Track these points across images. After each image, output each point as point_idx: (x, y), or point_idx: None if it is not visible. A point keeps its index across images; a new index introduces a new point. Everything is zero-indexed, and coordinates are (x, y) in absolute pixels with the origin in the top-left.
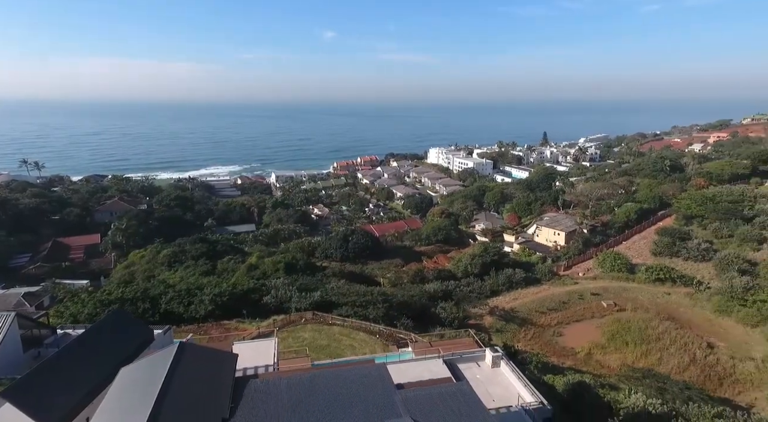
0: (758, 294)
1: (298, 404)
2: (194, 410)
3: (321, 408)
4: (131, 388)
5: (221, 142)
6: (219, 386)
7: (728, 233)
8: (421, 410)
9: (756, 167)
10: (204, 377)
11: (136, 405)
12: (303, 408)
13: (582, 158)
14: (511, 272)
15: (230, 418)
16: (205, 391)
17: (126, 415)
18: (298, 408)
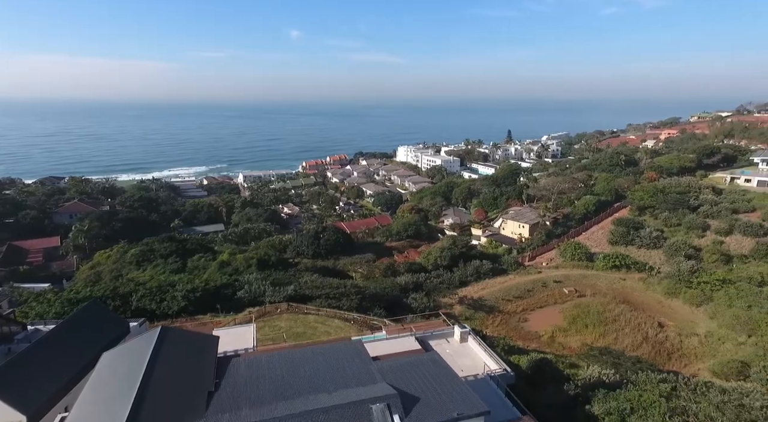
0: (702, 277)
1: (279, 376)
2: (180, 385)
3: (302, 379)
4: (116, 370)
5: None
6: (203, 364)
7: (676, 222)
8: (396, 376)
9: (701, 161)
10: (188, 356)
11: (123, 383)
12: (285, 380)
13: (544, 155)
14: (478, 264)
15: (215, 391)
16: (189, 368)
17: (113, 392)
18: (280, 380)
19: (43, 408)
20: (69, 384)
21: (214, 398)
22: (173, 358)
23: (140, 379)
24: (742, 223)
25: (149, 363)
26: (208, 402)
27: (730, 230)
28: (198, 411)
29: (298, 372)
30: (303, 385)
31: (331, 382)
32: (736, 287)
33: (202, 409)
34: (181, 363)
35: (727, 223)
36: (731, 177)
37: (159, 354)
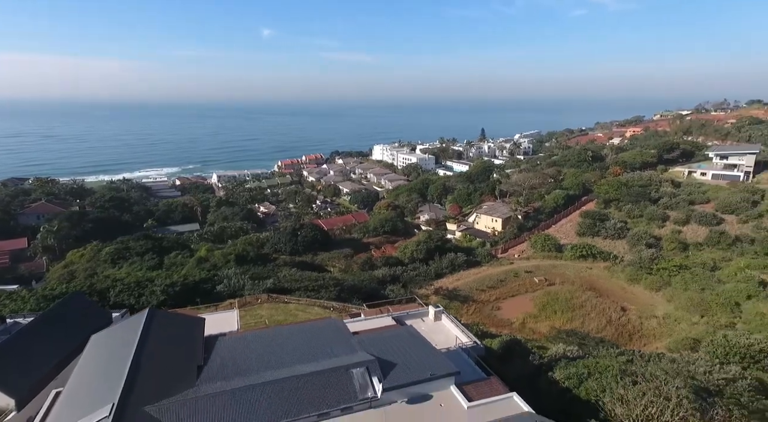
0: (661, 264)
1: (265, 350)
2: (170, 360)
3: (287, 351)
4: (107, 348)
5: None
6: (191, 341)
7: (638, 214)
8: (374, 346)
9: (661, 156)
10: (176, 335)
11: (116, 359)
12: (270, 353)
13: (516, 152)
14: (453, 256)
15: (204, 365)
16: (178, 345)
17: (107, 367)
18: (265, 353)
19: (31, 392)
20: (56, 369)
21: (204, 371)
22: (162, 336)
23: (132, 354)
24: (698, 213)
25: (140, 340)
26: (198, 374)
27: (687, 220)
28: (189, 382)
29: (283, 346)
30: (288, 357)
31: (315, 353)
32: (691, 273)
33: (193, 380)
34: (170, 340)
35: (684, 214)
36: (689, 171)
37: (149, 332)
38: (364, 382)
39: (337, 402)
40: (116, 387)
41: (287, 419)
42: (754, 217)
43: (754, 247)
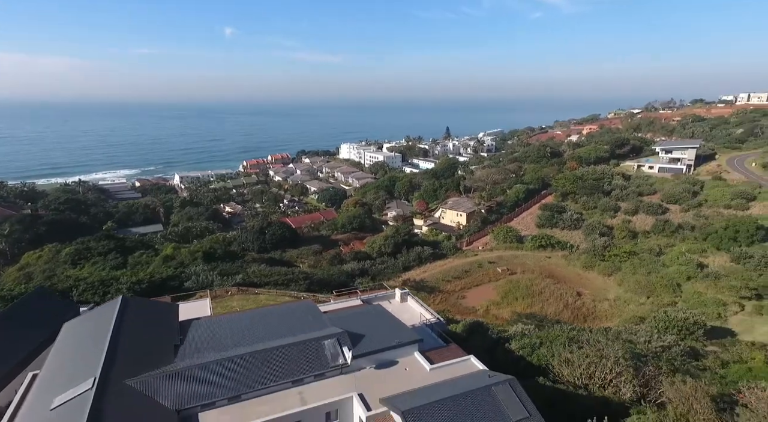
0: (613, 251)
1: (240, 329)
2: (147, 340)
3: (261, 329)
4: (82, 332)
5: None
6: (166, 323)
7: (593, 205)
8: (344, 322)
9: (614, 151)
10: (151, 318)
11: (93, 340)
12: (245, 332)
13: (480, 150)
14: (420, 250)
15: (181, 345)
16: (154, 327)
17: (85, 348)
18: (240, 332)
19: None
20: (25, 360)
21: (181, 349)
22: (138, 319)
23: (109, 335)
24: (645, 204)
25: (116, 322)
26: (176, 352)
27: (636, 210)
28: (167, 359)
29: (257, 325)
30: (262, 334)
31: (288, 330)
32: (639, 258)
33: (171, 357)
34: (146, 322)
35: (633, 204)
36: (638, 165)
37: (124, 316)
38: (335, 351)
39: (310, 370)
40: (96, 364)
41: (263, 386)
42: (694, 206)
43: (694, 233)
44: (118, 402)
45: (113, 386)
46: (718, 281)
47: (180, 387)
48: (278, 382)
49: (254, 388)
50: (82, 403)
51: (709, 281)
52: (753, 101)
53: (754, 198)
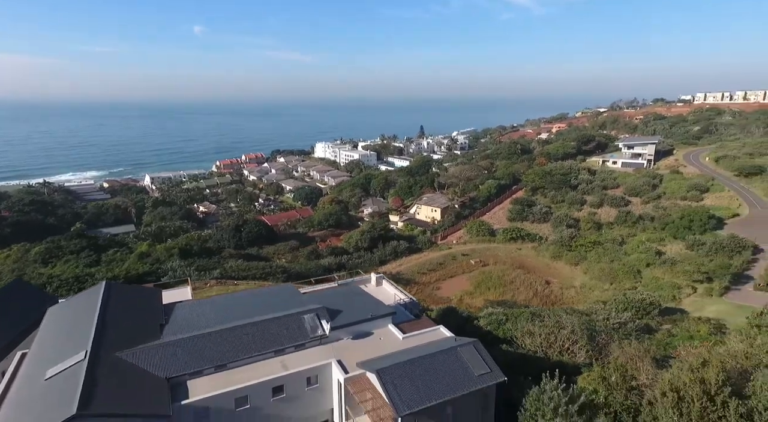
0: (579, 241)
1: (223, 309)
2: (133, 320)
3: (243, 309)
4: (69, 315)
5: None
6: (151, 305)
7: (561, 199)
8: (323, 300)
9: (580, 147)
10: (135, 300)
11: (80, 321)
12: (228, 311)
13: (454, 148)
14: (396, 244)
15: (166, 324)
16: (139, 308)
17: (72, 328)
18: (223, 311)
19: None
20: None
21: (166, 328)
22: (123, 301)
23: (96, 315)
24: (609, 197)
25: (102, 304)
26: (161, 331)
27: (600, 203)
28: (153, 337)
29: (240, 305)
30: (245, 313)
31: (269, 308)
32: (603, 248)
33: (157, 335)
34: (131, 304)
35: (598, 198)
36: (602, 160)
37: (109, 299)
38: (314, 324)
39: (291, 341)
40: (86, 339)
41: (247, 356)
42: (653, 198)
43: (654, 224)
44: (111, 370)
45: (104, 358)
46: (673, 267)
47: (168, 358)
48: (261, 352)
49: (239, 358)
50: (76, 372)
51: (666, 267)
52: (709, 100)
53: (707, 190)
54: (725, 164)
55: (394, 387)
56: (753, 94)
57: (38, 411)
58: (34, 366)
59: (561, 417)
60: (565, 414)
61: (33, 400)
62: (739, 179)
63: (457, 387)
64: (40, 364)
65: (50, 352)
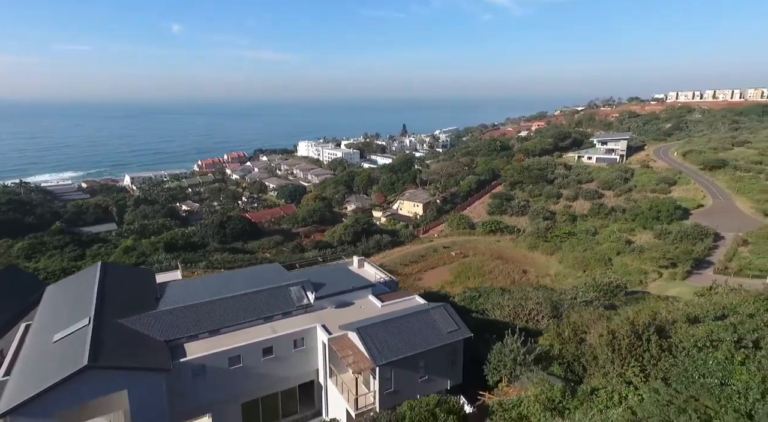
0: (554, 232)
1: (214, 285)
2: (130, 294)
3: (233, 284)
4: (68, 291)
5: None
6: (146, 282)
7: (538, 193)
8: (308, 276)
9: (557, 144)
10: (131, 278)
11: (80, 295)
12: (218, 287)
13: (436, 145)
14: (379, 238)
15: (161, 298)
16: (135, 285)
17: (73, 302)
18: (214, 287)
19: None
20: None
21: (161, 301)
22: (119, 278)
23: (96, 289)
24: (584, 190)
25: (99, 280)
26: (157, 304)
27: (575, 196)
28: (150, 309)
29: (229, 281)
30: (235, 287)
31: (258, 283)
32: (577, 238)
33: (154, 307)
34: (127, 281)
35: (573, 191)
36: (578, 156)
37: (106, 276)
38: (300, 295)
39: (279, 309)
40: (88, 309)
41: (238, 322)
42: (625, 191)
43: (625, 215)
44: (114, 333)
45: (107, 324)
46: (642, 254)
47: (166, 324)
48: (251, 319)
49: (230, 324)
50: (82, 335)
51: (634, 255)
52: (681, 99)
53: (674, 183)
54: (692, 159)
55: (372, 341)
56: (722, 93)
57: (51, 367)
58: (41, 333)
59: (519, 366)
60: (522, 363)
61: (44, 358)
62: (704, 172)
63: (428, 342)
64: (46, 331)
65: (54, 321)
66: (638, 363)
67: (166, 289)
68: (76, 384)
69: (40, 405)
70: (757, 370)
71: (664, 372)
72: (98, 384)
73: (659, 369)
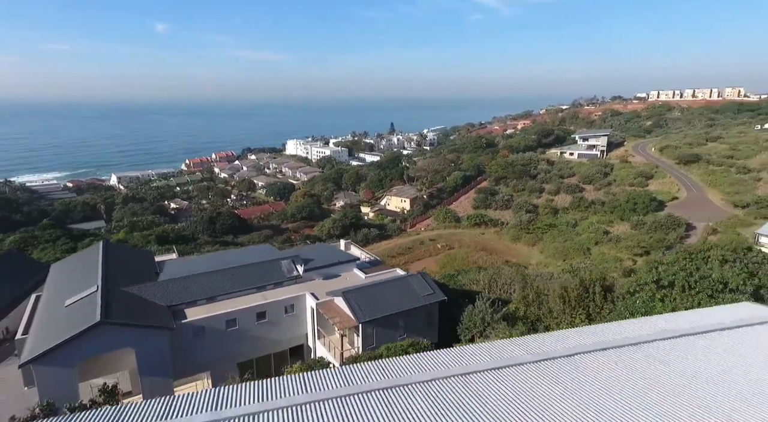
0: (536, 224)
1: (211, 261)
2: (132, 268)
3: (228, 260)
4: (73, 266)
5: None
6: (146, 259)
7: (521, 187)
8: (299, 252)
9: (540, 140)
10: (132, 256)
11: (86, 269)
12: (215, 262)
13: (423, 143)
14: (367, 231)
15: (160, 272)
16: (136, 262)
17: (79, 275)
18: (211, 262)
19: None
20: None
21: (161, 275)
22: (121, 255)
23: (100, 263)
24: (566, 185)
25: (103, 256)
26: (157, 277)
27: (557, 190)
28: (150, 281)
29: (224, 258)
30: (229, 262)
31: (251, 259)
32: (558, 229)
33: (154, 280)
34: (128, 258)
35: (555, 186)
36: (560, 152)
37: (109, 253)
38: (290, 267)
39: (271, 280)
40: (95, 278)
41: (234, 290)
42: (605, 185)
43: (604, 207)
44: (121, 298)
45: (113, 290)
46: (618, 244)
47: (167, 292)
48: (245, 288)
49: (226, 292)
50: (93, 298)
51: (611, 244)
52: (662, 98)
53: (651, 176)
54: (668, 154)
55: (356, 303)
56: (701, 92)
57: (66, 325)
58: (52, 301)
59: (488, 325)
60: (491, 322)
61: (58, 319)
62: (680, 166)
63: (406, 303)
64: (57, 299)
65: (64, 291)
66: (584, 311)
67: (164, 265)
68: (91, 338)
69: (59, 356)
70: (669, 303)
71: (605, 316)
72: (110, 339)
73: (602, 315)
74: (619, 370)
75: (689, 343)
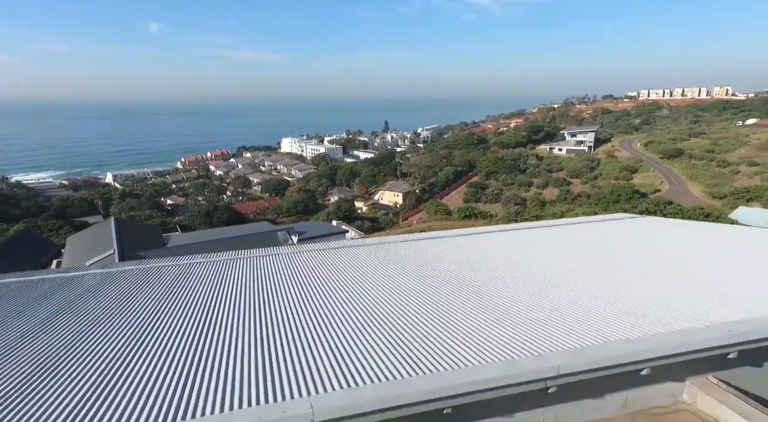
0: (523, 216)
1: (213, 235)
2: (142, 238)
3: (233, 232)
4: (88, 237)
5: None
6: (153, 233)
7: (511, 182)
8: (294, 226)
9: (531, 137)
10: (141, 230)
11: (100, 239)
12: (216, 235)
13: (417, 141)
14: (360, 223)
15: (167, 243)
16: (146, 234)
17: (95, 243)
18: (214, 236)
19: None
20: None
21: (168, 244)
22: (131, 229)
23: (114, 234)
24: (553, 179)
25: (116, 227)
26: (165, 246)
27: (545, 184)
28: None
29: (224, 233)
30: (233, 233)
31: (254, 230)
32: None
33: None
34: (138, 231)
35: (544, 180)
36: (549, 148)
37: (120, 225)
38: (285, 238)
39: None
40: (111, 244)
41: None
42: (591, 179)
43: (589, 200)
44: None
45: (129, 254)
46: None
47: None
48: None
49: None
50: (111, 259)
51: None
52: (652, 96)
53: (636, 170)
54: (652, 149)
55: None
56: (690, 91)
57: None
58: (73, 262)
59: None
60: None
61: None
62: (663, 160)
63: None
64: (78, 260)
65: (82, 256)
66: None
67: (170, 238)
68: None
69: None
70: None
71: None
72: None
73: None
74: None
75: (569, 228)
